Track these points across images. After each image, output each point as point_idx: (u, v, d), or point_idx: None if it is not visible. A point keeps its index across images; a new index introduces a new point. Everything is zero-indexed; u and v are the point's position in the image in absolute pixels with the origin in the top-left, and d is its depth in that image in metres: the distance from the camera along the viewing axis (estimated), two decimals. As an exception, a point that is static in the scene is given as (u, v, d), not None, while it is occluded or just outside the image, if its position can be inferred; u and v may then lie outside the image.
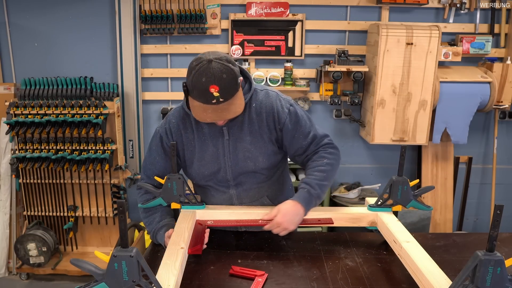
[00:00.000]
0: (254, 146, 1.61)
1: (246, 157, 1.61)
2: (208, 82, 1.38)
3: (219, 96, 1.40)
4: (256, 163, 1.62)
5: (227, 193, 1.70)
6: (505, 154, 3.64)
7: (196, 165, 1.65)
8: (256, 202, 1.72)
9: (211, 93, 1.39)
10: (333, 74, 3.22)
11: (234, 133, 1.60)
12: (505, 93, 3.28)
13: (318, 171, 1.59)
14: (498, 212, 0.97)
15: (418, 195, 1.63)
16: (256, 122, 1.60)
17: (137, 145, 3.57)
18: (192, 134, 1.64)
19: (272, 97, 1.62)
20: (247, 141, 1.60)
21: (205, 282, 1.35)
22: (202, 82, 1.39)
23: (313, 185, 1.56)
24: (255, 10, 3.34)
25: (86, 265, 1.02)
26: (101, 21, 3.40)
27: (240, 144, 1.60)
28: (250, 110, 1.60)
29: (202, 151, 1.63)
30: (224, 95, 1.41)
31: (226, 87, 1.40)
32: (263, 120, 1.60)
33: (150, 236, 1.66)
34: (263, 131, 1.60)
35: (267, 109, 1.60)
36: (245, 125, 1.60)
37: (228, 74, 1.41)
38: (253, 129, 1.60)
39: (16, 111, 3.26)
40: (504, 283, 0.99)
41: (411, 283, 1.28)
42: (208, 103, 1.42)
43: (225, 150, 1.61)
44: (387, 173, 3.66)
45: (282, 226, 1.50)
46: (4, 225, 3.40)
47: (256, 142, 1.61)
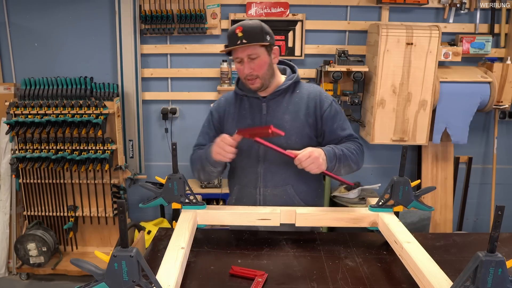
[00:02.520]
0: (290, 125, 1.72)
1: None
2: (236, 26, 1.66)
3: (242, 36, 1.62)
4: (288, 141, 1.71)
5: (254, 173, 1.77)
6: (505, 154, 3.64)
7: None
8: (280, 189, 1.77)
9: (236, 34, 1.63)
10: (333, 74, 3.22)
11: (272, 110, 1.75)
12: (505, 93, 3.28)
13: (345, 148, 1.72)
14: (499, 212, 0.97)
15: (419, 196, 1.63)
16: (297, 104, 1.75)
17: (137, 145, 3.57)
18: (234, 109, 1.81)
19: (317, 88, 1.81)
20: (284, 119, 1.73)
21: (205, 282, 1.34)
22: (232, 28, 1.67)
23: (338, 148, 1.69)
24: (255, 10, 3.34)
25: (86, 265, 1.02)
26: (101, 21, 3.40)
27: (277, 121, 1.73)
28: (293, 93, 1.77)
29: (240, 123, 1.76)
30: (247, 36, 1.62)
31: (249, 31, 1.63)
32: (304, 103, 1.75)
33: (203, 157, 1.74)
34: (302, 114, 1.74)
35: (311, 95, 1.76)
36: (285, 105, 1.75)
37: (255, 24, 1.67)
38: (293, 110, 1.74)
39: (16, 111, 3.26)
40: (506, 284, 0.99)
41: (411, 283, 1.28)
42: (234, 44, 1.64)
43: (262, 124, 1.74)
44: (387, 173, 3.66)
45: (313, 156, 1.57)
46: (4, 225, 3.40)
47: (292, 121, 1.73)
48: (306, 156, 1.57)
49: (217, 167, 1.74)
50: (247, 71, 1.68)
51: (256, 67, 1.67)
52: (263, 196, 1.79)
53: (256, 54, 1.65)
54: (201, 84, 3.53)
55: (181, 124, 3.62)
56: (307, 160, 1.57)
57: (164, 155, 3.66)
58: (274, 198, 1.77)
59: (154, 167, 3.69)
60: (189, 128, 3.61)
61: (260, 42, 1.64)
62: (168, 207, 3.08)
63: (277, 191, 1.77)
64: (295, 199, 1.78)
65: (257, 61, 1.66)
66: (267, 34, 1.67)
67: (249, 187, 1.81)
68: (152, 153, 3.68)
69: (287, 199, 1.77)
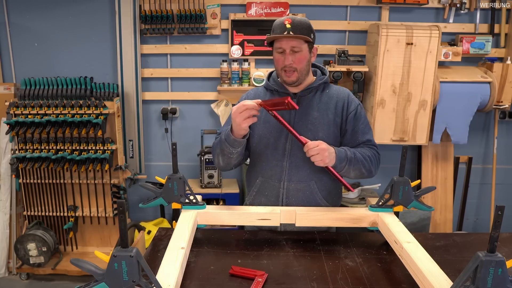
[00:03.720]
0: (318, 122, 1.76)
1: (308, 128, 1.75)
2: (285, 18, 1.71)
3: (290, 27, 1.67)
4: (316, 137, 1.72)
5: (280, 166, 1.78)
6: (505, 154, 3.64)
7: (261, 127, 1.80)
8: (304, 184, 1.77)
9: (285, 24, 1.68)
10: (333, 74, 3.22)
11: (302, 107, 1.78)
12: (505, 93, 3.28)
13: (359, 153, 1.74)
14: (499, 213, 0.97)
15: (419, 196, 1.63)
16: (326, 103, 1.79)
17: (137, 145, 3.57)
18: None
19: (346, 90, 1.87)
20: (313, 115, 1.77)
21: (205, 282, 1.34)
22: (281, 19, 1.72)
23: (351, 151, 1.72)
24: (255, 10, 3.34)
25: (86, 265, 1.02)
26: (101, 21, 3.40)
27: (305, 116, 1.77)
28: (322, 93, 1.82)
29: (268, 115, 1.73)
30: (295, 29, 1.67)
31: (298, 24, 1.69)
32: (333, 103, 1.79)
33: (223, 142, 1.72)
34: (330, 112, 1.78)
35: (339, 95, 1.82)
36: (315, 103, 1.79)
37: (303, 19, 1.72)
38: (321, 107, 1.78)
39: (16, 111, 3.26)
40: (506, 284, 0.99)
41: (411, 283, 1.28)
42: (281, 33, 1.68)
43: (290, 118, 1.77)
44: (387, 173, 3.64)
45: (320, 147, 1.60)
46: (4, 225, 3.40)
47: (321, 118, 1.77)
48: (315, 145, 1.60)
49: (236, 147, 1.70)
50: (287, 62, 1.71)
51: (297, 60, 1.71)
52: (287, 190, 1.78)
53: (299, 47, 1.69)
54: (201, 84, 3.53)
55: (181, 124, 3.62)
56: (314, 149, 1.60)
57: (164, 155, 3.66)
58: (297, 193, 1.77)
59: (154, 167, 3.69)
60: (189, 128, 3.61)
61: (307, 37, 1.69)
62: (168, 207, 3.09)
63: (300, 186, 1.77)
64: (317, 195, 1.79)
65: (299, 55, 1.70)
66: (312, 32, 1.73)
67: (273, 180, 1.80)
68: (152, 153, 3.68)
69: (309, 194, 1.78)
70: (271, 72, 1.90)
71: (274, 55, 1.76)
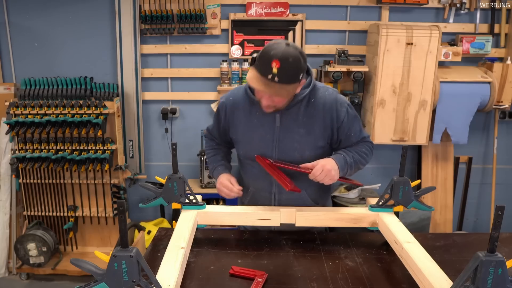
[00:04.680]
0: (305, 139, 1.66)
1: (294, 148, 1.67)
2: (274, 55, 1.44)
3: (276, 73, 1.44)
4: (303, 156, 1.67)
5: (268, 179, 1.75)
6: (505, 154, 3.64)
7: (242, 144, 1.76)
8: (294, 194, 1.73)
9: (271, 67, 1.44)
10: (333, 74, 3.22)
11: (286, 123, 1.66)
12: (505, 93, 3.28)
13: (356, 152, 1.71)
14: (499, 213, 0.97)
15: (419, 196, 1.63)
16: (312, 116, 1.65)
17: (137, 145, 3.57)
18: (244, 116, 1.71)
19: (332, 96, 1.68)
20: (299, 132, 1.66)
21: (205, 282, 1.34)
22: (269, 53, 1.45)
23: (349, 155, 1.68)
24: (255, 10, 3.34)
25: (86, 265, 1.02)
26: (101, 21, 3.40)
27: (290, 134, 1.66)
28: (308, 104, 1.65)
29: (251, 132, 1.69)
30: (281, 75, 1.45)
31: (286, 69, 1.45)
32: (319, 116, 1.65)
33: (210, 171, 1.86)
34: (317, 127, 1.66)
35: (326, 107, 1.65)
36: (300, 117, 1.65)
37: (294, 61, 1.46)
38: (308, 122, 1.65)
39: (16, 111, 3.26)
40: (506, 284, 0.99)
41: (411, 283, 1.28)
42: (265, 76, 1.46)
43: (274, 137, 1.67)
44: (387, 173, 3.66)
45: (325, 169, 1.57)
46: (4, 225, 3.40)
47: (307, 135, 1.66)
48: (320, 170, 1.58)
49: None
50: (266, 102, 1.56)
51: (278, 101, 1.56)
52: (278, 201, 1.78)
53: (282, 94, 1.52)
54: (201, 84, 3.52)
55: (181, 124, 3.62)
56: (321, 174, 1.58)
57: (164, 155, 3.66)
58: (289, 202, 1.76)
59: (154, 167, 3.69)
60: (189, 128, 3.61)
61: (293, 84, 1.50)
62: (168, 207, 3.08)
63: (291, 196, 1.74)
64: (308, 202, 1.79)
65: (281, 97, 1.54)
66: (302, 72, 1.51)
67: (264, 191, 1.79)
68: (152, 153, 3.68)
69: (301, 203, 1.76)
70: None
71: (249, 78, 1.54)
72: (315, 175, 1.58)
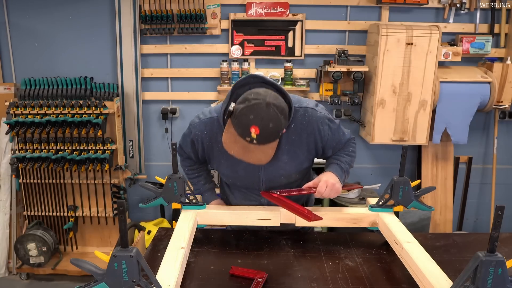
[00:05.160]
0: (289, 165, 1.64)
1: (280, 174, 1.65)
2: (254, 121, 1.37)
3: (254, 138, 1.38)
4: (289, 179, 1.69)
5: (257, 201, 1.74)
6: (505, 154, 3.64)
7: (227, 176, 1.73)
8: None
9: (250, 132, 1.38)
10: (333, 74, 3.22)
11: None
12: (505, 93, 3.28)
13: (345, 155, 1.71)
14: (499, 213, 0.97)
15: (419, 196, 1.63)
16: (294, 143, 1.61)
17: (137, 145, 3.57)
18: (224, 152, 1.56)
19: (312, 117, 1.60)
20: (283, 160, 1.62)
21: (205, 282, 1.34)
22: (249, 118, 1.37)
23: (342, 161, 1.69)
24: (255, 10, 3.34)
25: (86, 265, 1.02)
26: (101, 21, 3.40)
27: (275, 162, 1.60)
28: (288, 131, 1.58)
29: (235, 165, 1.63)
30: (261, 141, 1.40)
31: (266, 135, 1.39)
32: (302, 141, 1.61)
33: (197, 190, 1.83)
34: (300, 151, 1.63)
35: (308, 131, 1.60)
36: (282, 145, 1.60)
37: (275, 125, 1.39)
38: (291, 149, 1.61)
39: (16, 111, 3.26)
40: (506, 284, 0.99)
41: (411, 283, 1.28)
42: (242, 138, 1.41)
43: (260, 167, 1.63)
44: (387, 173, 3.66)
45: (329, 184, 1.58)
46: (4, 225, 3.40)
47: (292, 161, 1.63)
48: (324, 187, 1.58)
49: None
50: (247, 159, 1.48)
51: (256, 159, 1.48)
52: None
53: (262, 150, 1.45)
54: (201, 84, 3.52)
55: (181, 124, 3.61)
56: (327, 190, 1.58)
57: (164, 155, 3.66)
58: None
59: (154, 167, 3.69)
60: (189, 128, 3.60)
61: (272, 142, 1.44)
62: (168, 207, 3.08)
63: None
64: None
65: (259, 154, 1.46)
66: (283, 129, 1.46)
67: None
68: (152, 153, 3.68)
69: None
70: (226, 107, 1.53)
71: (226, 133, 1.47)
72: (321, 192, 1.58)
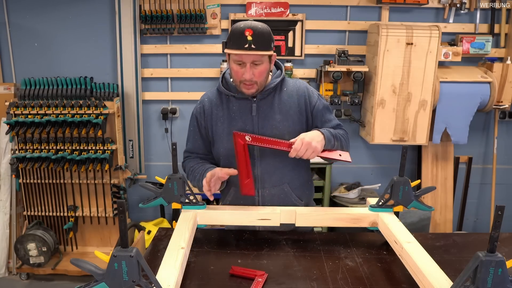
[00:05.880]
0: (282, 125, 1.72)
1: (273, 134, 1.71)
2: (245, 26, 1.58)
3: (252, 40, 1.56)
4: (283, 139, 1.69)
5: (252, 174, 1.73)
6: (505, 154, 3.64)
7: (225, 139, 1.74)
8: (277, 188, 1.76)
9: (245, 36, 1.56)
10: (333, 74, 3.22)
11: (263, 111, 1.73)
12: (505, 93, 3.28)
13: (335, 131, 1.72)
14: (499, 213, 0.97)
15: (419, 196, 1.63)
16: (287, 103, 1.73)
17: (137, 145, 3.57)
18: (222, 111, 1.77)
19: (303, 84, 1.80)
20: (276, 119, 1.72)
21: (205, 282, 1.34)
22: (240, 27, 1.59)
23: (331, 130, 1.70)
24: (255, 10, 3.34)
25: (86, 265, 1.02)
26: (101, 21, 3.40)
27: (268, 122, 1.72)
28: (281, 92, 1.75)
29: (231, 125, 1.73)
30: (256, 42, 1.57)
31: (259, 35, 1.58)
32: (294, 101, 1.74)
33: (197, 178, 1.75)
34: (293, 112, 1.73)
35: (299, 92, 1.75)
36: (275, 105, 1.73)
37: (264, 29, 1.61)
38: (283, 109, 1.73)
39: (16, 111, 3.26)
40: (506, 284, 0.99)
41: (411, 283, 1.28)
42: (241, 48, 1.58)
43: (254, 126, 1.72)
44: (387, 173, 3.66)
45: (305, 142, 1.57)
46: (4, 225, 3.40)
47: (284, 120, 1.72)
48: (300, 145, 1.57)
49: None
50: (248, 76, 1.63)
51: (258, 74, 1.64)
52: (262, 197, 1.78)
53: (260, 61, 1.62)
54: (201, 84, 3.52)
55: (181, 124, 3.61)
56: (302, 149, 1.57)
57: (164, 155, 3.66)
58: (272, 198, 1.77)
59: (154, 167, 3.69)
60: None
61: (268, 51, 1.62)
62: (168, 207, 3.08)
63: (275, 191, 1.76)
64: (292, 196, 1.79)
65: (260, 68, 1.64)
66: (272, 41, 1.65)
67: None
68: (152, 153, 3.68)
69: (284, 197, 1.77)
70: (223, 73, 1.81)
71: (231, 65, 1.67)
72: (296, 150, 1.57)
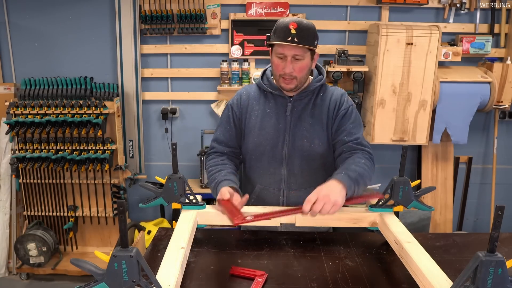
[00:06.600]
0: (313, 128, 1.72)
1: (303, 136, 1.72)
2: (290, 20, 1.60)
3: (295, 34, 1.57)
4: (312, 145, 1.72)
5: (278, 174, 1.76)
6: (505, 154, 3.64)
7: (257, 134, 1.75)
8: (303, 191, 1.68)
9: (289, 29, 1.58)
10: (333, 74, 3.22)
11: (297, 111, 1.73)
12: (505, 93, 3.28)
13: (355, 165, 1.58)
14: (499, 213, 0.97)
15: (419, 196, 1.63)
16: (320, 107, 1.74)
17: (137, 145, 3.57)
18: (258, 105, 1.77)
19: (340, 91, 1.79)
20: (307, 121, 1.72)
21: (205, 282, 1.34)
22: (285, 21, 1.61)
23: (350, 169, 1.55)
24: (255, 10, 3.34)
25: (86, 265, 1.02)
26: (101, 21, 3.40)
27: (300, 123, 1.72)
28: (317, 97, 1.75)
29: (264, 121, 1.74)
30: (300, 36, 1.58)
31: (303, 29, 1.59)
32: (326, 106, 1.73)
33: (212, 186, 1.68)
34: (323, 117, 1.73)
35: (333, 97, 1.75)
36: (309, 108, 1.73)
37: (308, 23, 1.62)
38: (315, 113, 1.73)
39: (16, 111, 3.26)
40: (506, 284, 0.99)
41: (411, 283, 1.28)
42: (284, 40, 1.58)
43: (286, 125, 1.73)
44: (387, 173, 3.65)
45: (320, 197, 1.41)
46: (4, 225, 3.40)
47: (315, 125, 1.72)
48: (311, 202, 1.41)
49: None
50: (288, 70, 1.62)
51: (298, 69, 1.63)
52: (287, 197, 1.78)
53: (302, 56, 1.61)
54: (201, 84, 3.53)
55: (181, 124, 3.62)
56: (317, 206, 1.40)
57: (164, 155, 3.66)
58: (298, 199, 1.71)
59: (154, 167, 3.69)
60: (189, 128, 3.61)
61: (311, 46, 1.62)
62: (168, 207, 3.08)
63: (300, 193, 1.72)
64: None
65: (301, 63, 1.63)
66: (316, 39, 1.65)
67: (272, 188, 1.78)
68: (152, 153, 3.68)
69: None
70: (265, 69, 1.82)
71: (273, 58, 1.67)
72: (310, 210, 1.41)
